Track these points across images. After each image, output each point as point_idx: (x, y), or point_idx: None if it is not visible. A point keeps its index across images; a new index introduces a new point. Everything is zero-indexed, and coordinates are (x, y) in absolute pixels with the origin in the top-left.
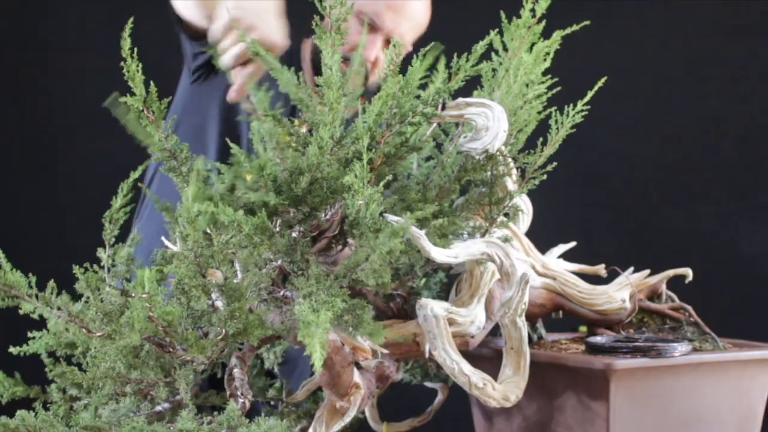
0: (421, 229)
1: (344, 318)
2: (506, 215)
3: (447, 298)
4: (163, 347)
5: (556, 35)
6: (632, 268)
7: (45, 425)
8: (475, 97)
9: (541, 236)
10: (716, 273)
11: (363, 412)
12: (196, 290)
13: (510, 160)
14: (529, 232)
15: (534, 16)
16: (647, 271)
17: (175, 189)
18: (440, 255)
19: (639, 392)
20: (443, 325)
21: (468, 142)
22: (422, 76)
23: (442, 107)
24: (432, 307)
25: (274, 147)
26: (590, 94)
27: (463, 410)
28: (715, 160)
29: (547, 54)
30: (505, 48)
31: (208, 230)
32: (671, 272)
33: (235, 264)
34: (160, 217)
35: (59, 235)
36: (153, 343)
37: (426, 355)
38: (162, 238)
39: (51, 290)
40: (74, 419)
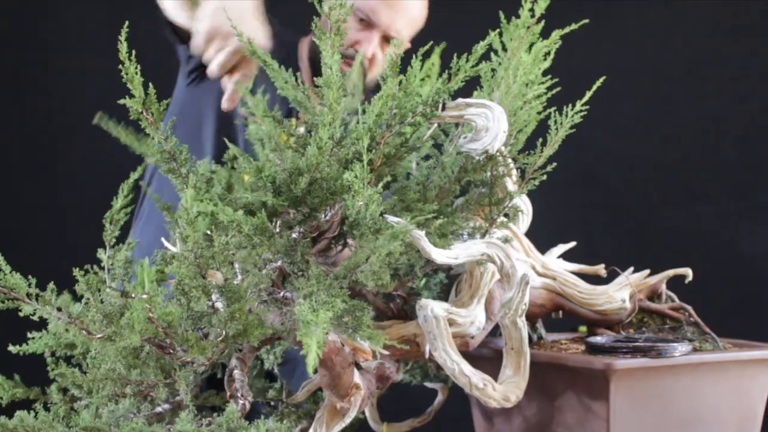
0: (422, 230)
1: (344, 319)
2: (506, 216)
3: (447, 299)
4: (164, 348)
5: (555, 35)
6: (632, 268)
7: (44, 426)
8: (475, 98)
9: (541, 236)
10: (716, 273)
11: (363, 413)
12: (197, 291)
13: (510, 161)
14: (529, 233)
15: (533, 16)
16: (647, 271)
17: (173, 190)
18: (440, 256)
19: (639, 392)
20: (443, 326)
21: (468, 143)
22: (422, 77)
23: (442, 108)
24: (432, 308)
25: (274, 148)
26: (588, 94)
27: (463, 411)
28: (715, 160)
29: (547, 54)
30: (504, 48)
31: (208, 231)
32: (671, 272)
33: (235, 265)
34: (159, 219)
35: (59, 235)
36: (153, 345)
37: (426, 356)
38: (162, 239)
39: (51, 292)
40: (74, 420)
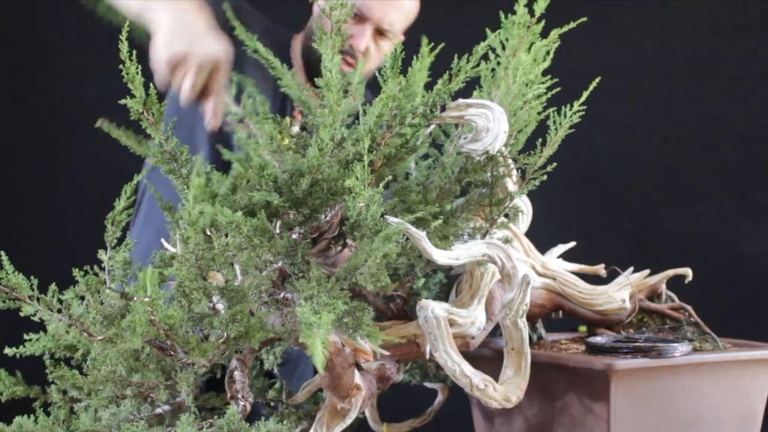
0: (422, 231)
1: (345, 320)
2: (506, 216)
3: (447, 299)
4: (164, 350)
5: (554, 34)
6: (632, 268)
7: (45, 430)
8: (476, 98)
9: (541, 236)
10: (716, 273)
11: (363, 413)
12: (198, 293)
13: (510, 161)
14: (529, 233)
15: (533, 16)
16: (647, 271)
17: (168, 191)
18: (441, 257)
19: (639, 392)
20: (444, 327)
21: (468, 144)
22: (421, 79)
23: (443, 108)
24: (433, 309)
25: (275, 150)
26: (586, 95)
27: (463, 411)
28: (715, 160)
29: (547, 54)
30: (504, 47)
31: (209, 232)
32: (671, 272)
33: (236, 266)
34: (156, 220)
35: (59, 235)
36: (154, 347)
37: (426, 357)
38: (162, 240)
39: (52, 293)
40: (74, 423)
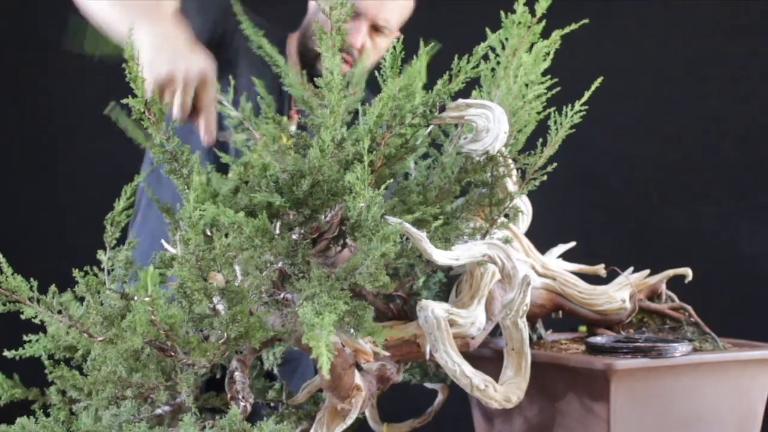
0: (422, 231)
1: (346, 320)
2: (506, 216)
3: (446, 298)
4: (165, 351)
5: (556, 35)
6: (632, 268)
7: (46, 431)
8: (476, 99)
9: (541, 236)
10: (716, 273)
11: (363, 413)
12: (198, 294)
13: (510, 162)
14: (529, 233)
15: (533, 16)
16: (647, 271)
17: (164, 193)
18: (442, 257)
19: (639, 392)
20: (444, 327)
21: (468, 144)
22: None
23: (442, 108)
24: (433, 309)
25: (276, 150)
26: (587, 95)
27: (463, 411)
28: (715, 160)
29: (547, 54)
30: (504, 47)
31: (209, 233)
32: (671, 272)
33: (236, 267)
34: (152, 224)
35: (59, 235)
36: (154, 347)
37: (427, 357)
38: (162, 241)
39: (52, 295)
40: (75, 424)
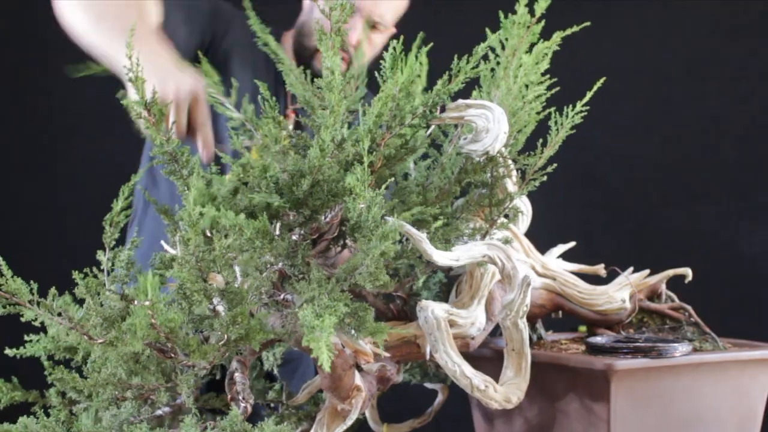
0: (422, 232)
1: (346, 321)
2: (506, 217)
3: (446, 299)
4: (165, 353)
5: (556, 36)
6: (632, 268)
7: (47, 431)
8: (475, 99)
9: (541, 237)
10: (716, 273)
11: (363, 414)
12: (198, 295)
13: (510, 162)
14: (529, 233)
15: (533, 15)
16: (647, 271)
17: (159, 195)
18: (442, 258)
19: (639, 392)
20: (444, 327)
21: (468, 144)
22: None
23: (442, 109)
24: (433, 309)
25: (277, 151)
26: (589, 95)
27: (463, 411)
28: (715, 160)
29: (546, 54)
30: (503, 47)
31: (209, 234)
32: (671, 272)
33: (236, 268)
34: (150, 225)
35: (59, 235)
36: (154, 349)
37: (427, 357)
38: (162, 242)
39: (52, 297)
40: (75, 426)
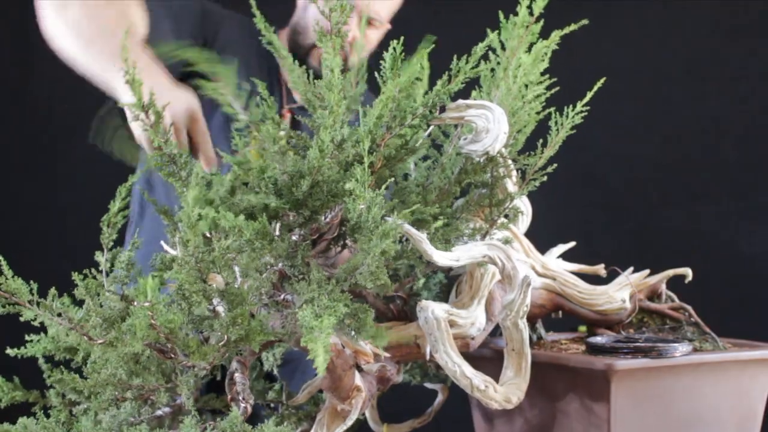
0: (422, 232)
1: (346, 322)
2: (506, 217)
3: (446, 299)
4: (165, 353)
5: (555, 35)
6: (632, 268)
7: (47, 431)
8: (475, 99)
9: (541, 237)
10: (716, 273)
11: (363, 414)
12: (197, 296)
13: (510, 162)
14: (529, 233)
15: (532, 15)
16: (647, 271)
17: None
18: (442, 258)
19: (640, 392)
20: (444, 328)
21: (468, 144)
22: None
23: (442, 109)
24: (433, 310)
25: (276, 151)
26: (589, 95)
27: (463, 411)
28: (715, 160)
29: (545, 54)
30: (503, 47)
31: (209, 235)
32: (671, 272)
33: (236, 269)
34: (148, 228)
35: (59, 235)
36: (154, 350)
37: (427, 357)
38: (161, 243)
39: (52, 297)
40: (75, 427)
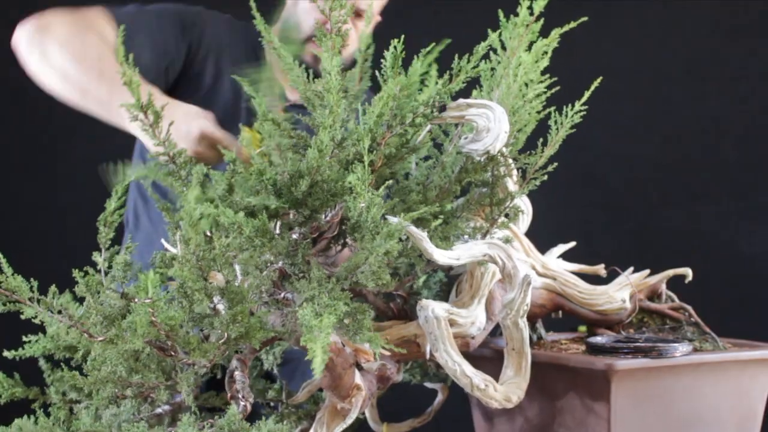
0: (423, 231)
1: (346, 321)
2: (507, 216)
3: (447, 298)
4: (165, 351)
5: (555, 33)
6: (632, 268)
7: (45, 431)
8: (476, 98)
9: (541, 236)
10: (716, 273)
11: (363, 413)
12: (198, 293)
13: (511, 161)
14: (529, 233)
15: (532, 14)
16: (647, 271)
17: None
18: (442, 257)
19: (640, 392)
20: (444, 327)
21: (469, 143)
22: (422, 77)
23: (443, 108)
24: (433, 309)
25: (274, 149)
26: (587, 95)
27: (463, 411)
28: (715, 160)
29: (545, 53)
30: (504, 47)
31: (209, 233)
32: (671, 272)
33: (236, 267)
34: (144, 231)
35: (59, 235)
36: (155, 347)
37: (427, 356)
38: (163, 242)
39: (53, 294)
40: (74, 424)
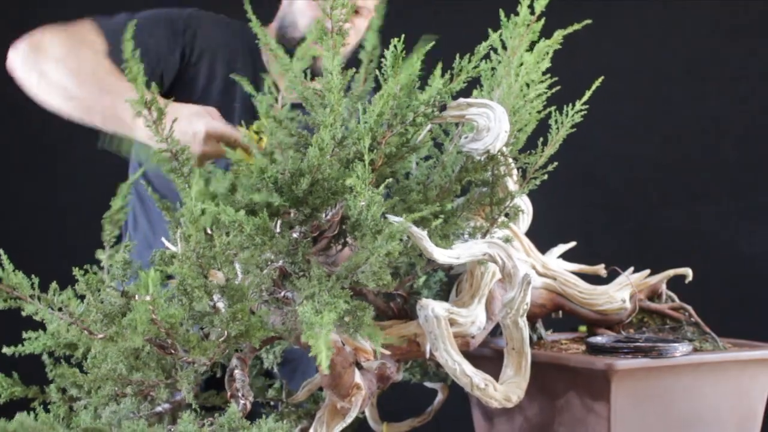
0: (423, 230)
1: (346, 319)
2: (507, 215)
3: (447, 298)
4: (165, 349)
5: (557, 34)
6: (632, 268)
7: (45, 427)
8: (477, 98)
9: (542, 236)
10: (716, 273)
11: (363, 412)
12: (199, 291)
13: (511, 161)
14: (530, 232)
15: (533, 14)
16: (647, 271)
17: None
18: (442, 256)
19: (640, 392)
20: (444, 326)
21: (469, 143)
22: (421, 76)
23: (444, 108)
24: (433, 308)
25: (276, 147)
26: (588, 94)
27: (463, 410)
28: (715, 160)
29: (547, 53)
30: (504, 46)
31: (209, 231)
32: (671, 272)
33: (236, 265)
34: (142, 230)
35: (59, 235)
36: (155, 345)
37: (427, 356)
38: (163, 241)
39: (53, 291)
40: (74, 421)
